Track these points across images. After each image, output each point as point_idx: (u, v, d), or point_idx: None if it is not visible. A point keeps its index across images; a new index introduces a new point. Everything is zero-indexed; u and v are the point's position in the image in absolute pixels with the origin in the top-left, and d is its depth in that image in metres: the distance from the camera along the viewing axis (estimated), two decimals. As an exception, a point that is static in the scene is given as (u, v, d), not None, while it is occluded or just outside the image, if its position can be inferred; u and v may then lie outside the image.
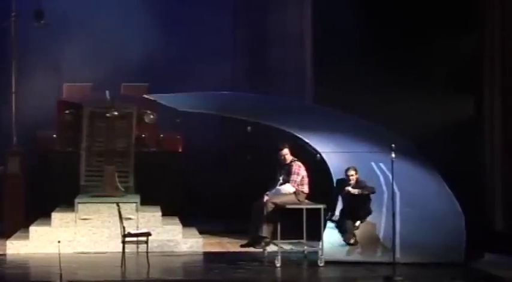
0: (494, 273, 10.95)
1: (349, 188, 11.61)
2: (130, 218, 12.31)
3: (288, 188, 11.70)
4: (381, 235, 11.59)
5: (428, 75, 13.99)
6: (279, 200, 11.59)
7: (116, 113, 13.51)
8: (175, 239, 12.60)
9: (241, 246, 12.12)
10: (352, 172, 11.68)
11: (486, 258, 11.77)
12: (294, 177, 11.69)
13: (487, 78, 12.86)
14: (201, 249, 12.54)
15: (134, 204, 12.78)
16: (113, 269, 11.11)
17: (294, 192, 11.69)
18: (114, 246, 12.09)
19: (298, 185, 11.70)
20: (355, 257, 11.52)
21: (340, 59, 14.25)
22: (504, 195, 12.69)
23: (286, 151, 11.72)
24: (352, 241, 11.62)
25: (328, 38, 14.52)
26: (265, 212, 11.55)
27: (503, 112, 12.72)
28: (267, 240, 11.64)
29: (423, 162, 12.37)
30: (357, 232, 11.66)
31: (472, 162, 13.19)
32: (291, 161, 11.78)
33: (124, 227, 11.27)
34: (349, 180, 11.67)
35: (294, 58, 15.69)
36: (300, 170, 11.73)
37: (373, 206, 11.69)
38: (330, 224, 11.68)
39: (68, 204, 13.00)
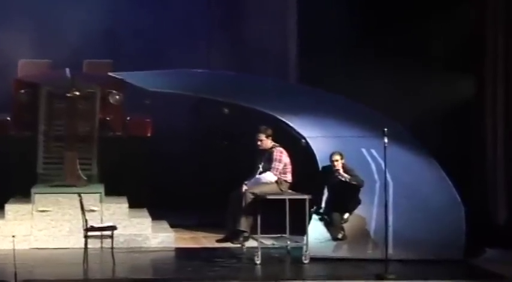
0: (496, 270, 10.60)
1: (340, 171, 11.25)
2: (93, 210, 12.04)
3: (269, 177, 11.34)
4: (371, 229, 11.32)
5: (426, 56, 13.69)
6: (258, 189, 11.24)
7: (77, 93, 13.11)
8: (144, 233, 12.30)
9: (217, 241, 11.81)
10: (337, 157, 11.31)
11: (487, 254, 11.49)
12: (275, 164, 11.33)
13: (489, 61, 12.68)
14: (172, 245, 12.23)
15: (98, 194, 12.47)
16: (74, 267, 10.79)
17: (276, 181, 11.35)
18: (76, 241, 11.75)
19: (280, 173, 11.35)
20: (343, 253, 11.28)
21: (328, 37, 13.96)
22: (507, 184, 12.47)
23: (262, 136, 11.40)
24: (340, 235, 11.30)
25: (315, 13, 14.25)
26: (243, 204, 11.24)
27: (506, 97, 12.53)
28: (246, 234, 11.34)
29: (419, 149, 12.09)
30: (345, 225, 11.31)
31: (473, 149, 13.00)
32: (272, 147, 11.42)
33: (86, 220, 10.94)
34: (334, 166, 11.27)
35: (277, 35, 15.39)
36: (282, 157, 11.38)
37: (363, 196, 11.33)
38: (315, 217, 11.35)
39: (23, 194, 12.67)
